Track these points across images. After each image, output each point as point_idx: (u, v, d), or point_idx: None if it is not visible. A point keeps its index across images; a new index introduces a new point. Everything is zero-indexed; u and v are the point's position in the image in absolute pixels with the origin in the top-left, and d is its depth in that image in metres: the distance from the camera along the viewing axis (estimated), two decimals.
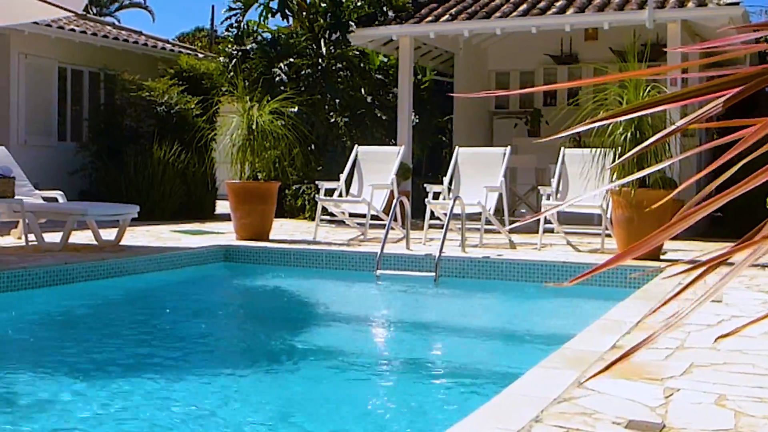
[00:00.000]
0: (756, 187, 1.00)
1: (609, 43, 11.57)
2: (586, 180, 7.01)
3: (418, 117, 12.32)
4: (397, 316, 6.11)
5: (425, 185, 8.96)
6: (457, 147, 9.32)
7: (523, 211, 11.51)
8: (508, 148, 8.81)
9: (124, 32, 14.15)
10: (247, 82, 10.89)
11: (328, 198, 8.97)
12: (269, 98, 8.81)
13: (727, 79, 1.03)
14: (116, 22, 19.93)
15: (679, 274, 1.06)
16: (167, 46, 14.47)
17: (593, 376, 1.23)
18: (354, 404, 3.66)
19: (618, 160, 6.55)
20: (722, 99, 1.03)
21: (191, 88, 12.45)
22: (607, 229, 7.60)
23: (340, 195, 9.12)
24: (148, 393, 3.59)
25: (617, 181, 6.87)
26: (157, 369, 4.08)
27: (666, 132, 1.15)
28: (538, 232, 7.86)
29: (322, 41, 11.74)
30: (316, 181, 9.56)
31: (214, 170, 12.07)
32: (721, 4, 9.12)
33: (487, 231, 8.27)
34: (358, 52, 12.37)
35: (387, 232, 7.18)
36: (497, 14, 10.51)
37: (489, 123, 13.56)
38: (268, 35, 12.43)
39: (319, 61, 11.77)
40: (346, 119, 12.00)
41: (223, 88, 12.28)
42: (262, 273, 7.47)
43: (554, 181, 8.28)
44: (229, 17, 12.26)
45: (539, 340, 4.94)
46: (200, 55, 14.73)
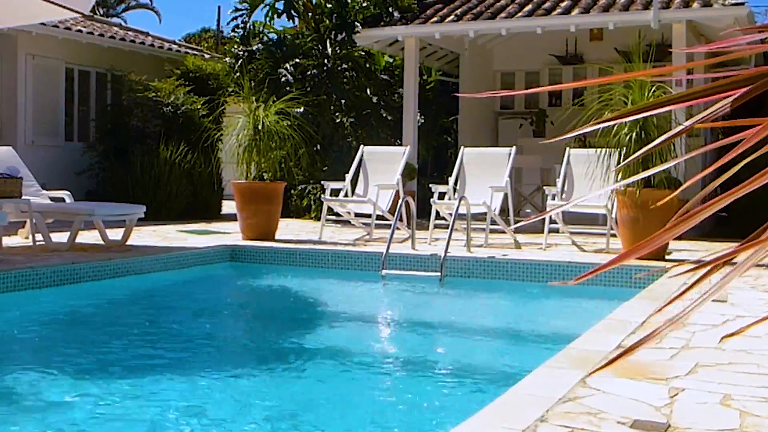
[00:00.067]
0: (760, 187, 1.00)
1: (614, 44, 11.56)
2: (592, 180, 7.02)
3: (423, 117, 12.33)
4: (403, 316, 6.12)
5: (431, 185, 8.97)
6: (462, 147, 9.32)
7: (528, 211, 11.51)
8: (514, 148, 8.81)
9: (130, 33, 14.19)
10: (253, 83, 10.92)
11: (334, 198, 8.98)
12: (275, 99, 8.83)
13: (734, 79, 1.03)
14: (123, 23, 20.00)
15: (684, 274, 1.07)
16: (174, 46, 14.50)
17: (596, 371, 1.23)
18: (359, 404, 3.67)
19: (624, 161, 6.54)
20: (729, 99, 1.03)
21: (197, 88, 12.48)
22: (612, 229, 7.59)
23: (346, 195, 9.13)
24: (154, 392, 3.60)
25: (622, 181, 6.87)
26: (163, 368, 4.10)
27: (673, 133, 1.14)
28: (543, 232, 7.86)
29: (328, 42, 11.77)
30: (322, 182, 9.58)
31: (221, 170, 12.09)
32: (726, 5, 9.11)
33: (493, 231, 8.28)
34: (363, 53, 12.39)
35: (392, 232, 7.19)
36: (502, 15, 10.51)
37: (494, 123, 13.56)
38: (274, 36, 12.46)
39: (325, 61, 11.79)
40: (352, 119, 12.02)
41: (230, 89, 12.33)
42: (268, 273, 7.49)
43: (559, 182, 8.28)
44: (235, 18, 12.31)
45: (544, 340, 4.94)
46: (206, 56, 14.76)
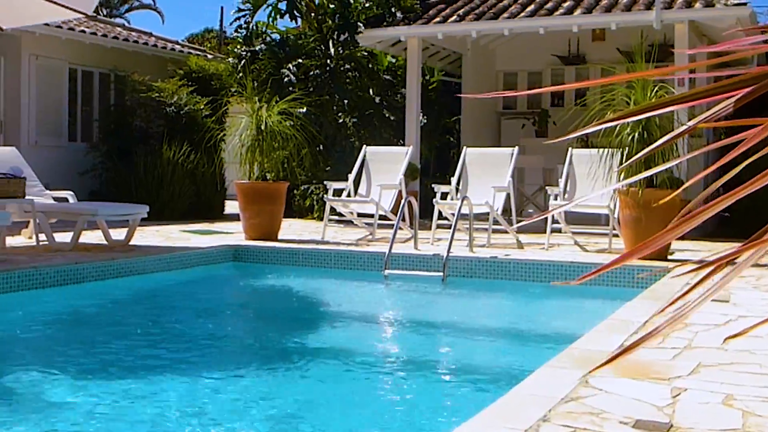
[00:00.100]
0: (763, 187, 1.00)
1: (616, 44, 11.55)
2: (594, 180, 7.02)
3: (426, 117, 12.34)
4: (405, 316, 6.13)
5: (433, 185, 8.98)
6: (464, 147, 9.33)
7: (531, 211, 11.51)
8: (516, 148, 8.82)
9: (134, 33, 14.21)
10: (256, 83, 10.92)
11: (337, 198, 8.99)
12: (278, 99, 8.85)
13: (738, 79, 1.03)
14: (126, 24, 20.05)
15: (687, 274, 1.07)
16: (177, 47, 14.52)
17: (597, 368, 1.23)
18: (362, 403, 3.68)
19: (626, 162, 6.54)
20: (732, 99, 1.03)
21: (200, 88, 12.49)
22: (614, 229, 7.60)
23: (349, 195, 9.14)
24: (157, 392, 3.61)
25: (625, 181, 6.87)
26: (166, 369, 4.11)
27: (676, 133, 1.14)
28: (545, 232, 7.87)
29: (331, 42, 11.77)
30: (325, 182, 9.58)
31: (224, 170, 12.11)
32: (728, 5, 9.10)
33: (495, 231, 8.28)
34: (366, 53, 12.39)
35: (395, 232, 7.20)
36: (505, 15, 10.52)
37: (497, 123, 13.56)
38: (276, 36, 12.47)
39: (328, 61, 11.80)
40: (355, 120, 12.03)
41: (232, 89, 12.33)
42: (270, 273, 7.50)
43: (562, 182, 8.29)
44: (238, 18, 12.32)
45: (547, 340, 4.95)
46: (209, 56, 14.77)
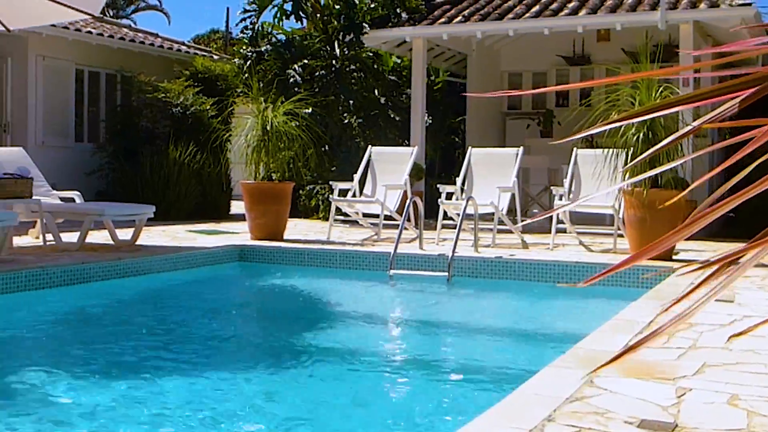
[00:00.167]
0: None
1: (621, 44, 11.55)
2: (599, 180, 7.02)
3: (431, 118, 12.35)
4: (411, 316, 6.14)
5: (438, 185, 8.99)
6: (470, 147, 9.34)
7: (536, 211, 11.51)
8: (521, 148, 8.82)
9: (140, 34, 14.24)
10: (262, 84, 10.95)
11: (342, 198, 9.01)
12: (283, 99, 8.87)
13: (743, 79, 1.03)
14: (132, 25, 20.08)
15: (692, 273, 1.08)
16: (183, 47, 14.55)
17: (601, 367, 1.23)
18: (366, 403, 3.69)
19: (631, 162, 6.54)
20: (738, 99, 1.03)
21: (206, 89, 12.51)
22: (619, 229, 7.60)
23: (354, 195, 9.15)
24: (162, 392, 3.63)
25: (629, 180, 6.87)
26: (172, 368, 4.13)
27: (681, 133, 1.14)
28: (550, 232, 7.87)
29: (336, 43, 11.79)
30: (330, 182, 9.60)
31: (229, 171, 12.13)
32: (733, 5, 9.09)
33: (500, 231, 8.29)
34: (371, 54, 12.41)
35: (400, 232, 7.22)
36: (510, 15, 10.52)
37: (502, 124, 13.56)
38: (282, 37, 12.48)
39: (333, 62, 11.82)
40: (360, 120, 12.05)
41: (238, 90, 12.38)
42: (276, 273, 7.53)
43: (567, 182, 8.29)
44: (244, 19, 12.33)
45: (551, 340, 4.96)
46: (215, 57, 14.80)
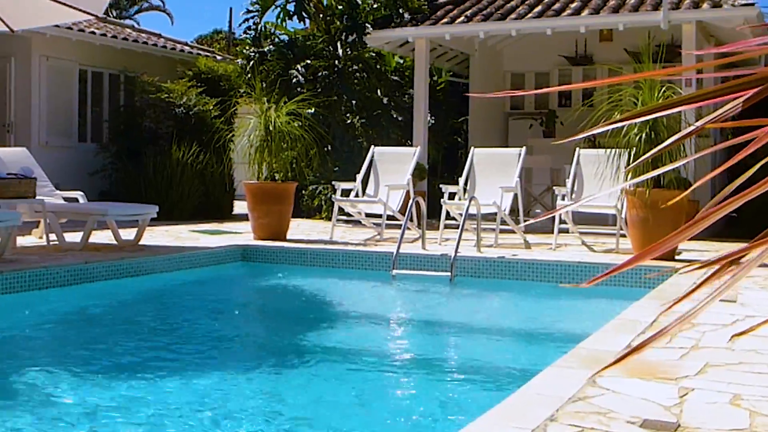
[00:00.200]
0: None
1: (624, 44, 11.55)
2: (601, 180, 7.03)
3: (433, 118, 12.36)
4: (413, 316, 6.15)
5: (441, 185, 8.99)
6: (472, 148, 9.35)
7: (538, 211, 11.52)
8: (524, 148, 8.83)
9: (143, 35, 14.27)
10: (265, 84, 10.96)
11: (345, 198, 9.02)
12: (286, 99, 8.88)
13: (745, 79, 1.03)
14: (136, 25, 20.12)
15: (694, 271, 1.08)
16: (186, 48, 14.57)
17: (605, 368, 1.23)
18: (369, 402, 3.70)
19: (634, 162, 6.55)
20: (741, 99, 1.03)
21: (209, 89, 12.54)
22: (621, 229, 7.61)
23: (357, 195, 9.17)
24: (165, 391, 3.64)
25: (632, 181, 6.87)
26: (175, 368, 4.14)
27: (684, 133, 1.14)
28: (553, 233, 7.88)
29: (339, 43, 11.80)
30: (333, 182, 9.62)
31: (232, 171, 12.15)
32: (736, 5, 9.09)
33: (503, 231, 8.30)
34: (374, 54, 12.42)
35: (403, 232, 7.23)
36: (512, 16, 10.53)
37: (504, 124, 13.57)
38: (285, 37, 12.50)
39: (336, 62, 11.83)
40: (363, 120, 12.06)
41: (241, 90, 12.38)
42: (279, 272, 7.53)
43: (569, 182, 8.30)
44: (247, 20, 12.35)
45: (554, 340, 4.96)
46: (218, 57, 14.83)
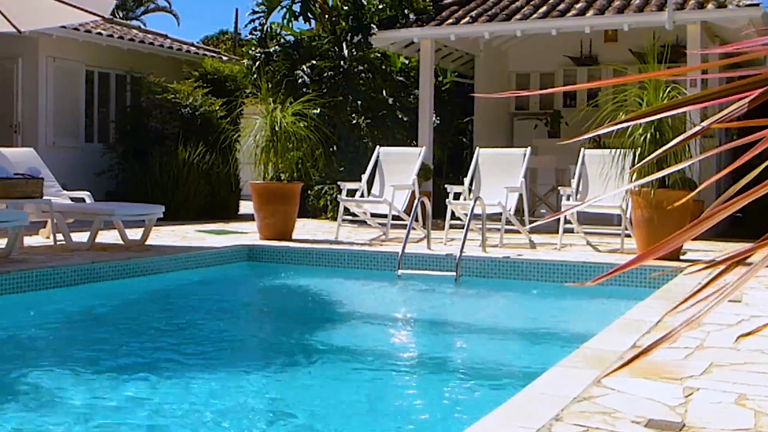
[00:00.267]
0: None
1: (628, 45, 11.54)
2: (606, 180, 7.03)
3: (438, 118, 12.37)
4: (418, 316, 6.17)
5: (446, 186, 9.00)
6: (477, 148, 9.36)
7: (543, 211, 11.52)
8: (529, 148, 8.84)
9: (149, 36, 14.31)
10: (271, 84, 10.99)
11: (350, 198, 9.04)
12: (292, 100, 8.90)
13: (751, 80, 1.03)
14: (142, 26, 20.17)
15: (699, 272, 1.09)
16: (192, 49, 14.61)
17: (611, 372, 1.24)
18: (374, 401, 3.72)
19: (639, 163, 6.55)
20: (746, 100, 1.03)
21: (215, 90, 12.56)
22: (626, 229, 7.61)
23: (362, 195, 9.18)
24: (170, 391, 3.66)
25: (637, 181, 6.87)
26: (181, 367, 4.16)
27: (689, 134, 1.15)
28: (558, 233, 7.88)
29: (344, 44, 11.82)
30: (338, 182, 9.63)
31: (238, 171, 12.17)
32: (740, 6, 9.09)
33: (508, 231, 8.30)
34: (379, 54, 12.43)
35: (408, 232, 7.24)
36: (517, 16, 10.53)
37: (509, 124, 13.57)
38: (291, 38, 12.52)
39: (341, 63, 11.85)
40: (368, 120, 12.07)
41: (247, 90, 12.42)
42: (285, 272, 7.56)
43: (574, 182, 8.30)
44: (253, 20, 12.37)
45: (559, 340, 4.97)
46: (224, 58, 14.85)
